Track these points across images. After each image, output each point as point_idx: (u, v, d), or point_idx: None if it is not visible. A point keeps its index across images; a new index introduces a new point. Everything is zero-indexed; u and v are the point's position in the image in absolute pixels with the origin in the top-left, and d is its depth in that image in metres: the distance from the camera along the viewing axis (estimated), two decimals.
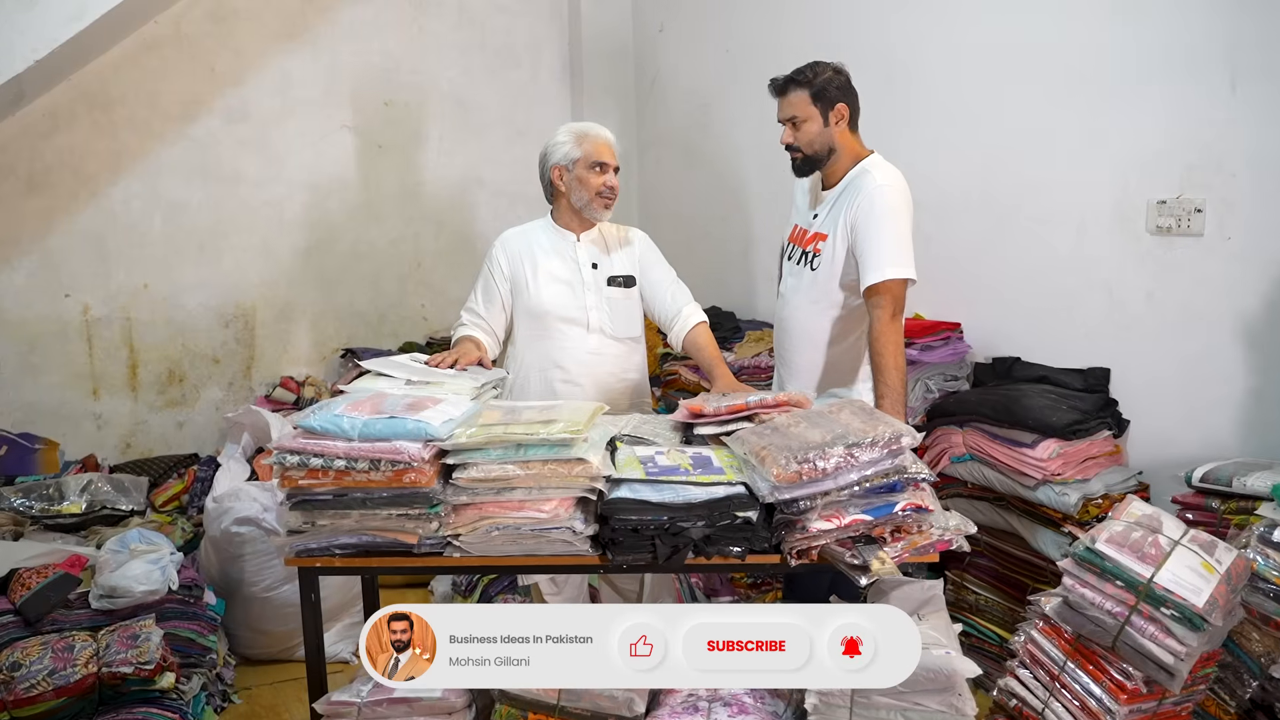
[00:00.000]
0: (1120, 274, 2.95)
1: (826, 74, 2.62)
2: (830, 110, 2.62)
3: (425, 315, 5.00)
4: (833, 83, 2.62)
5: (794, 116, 2.65)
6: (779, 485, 1.86)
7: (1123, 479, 2.90)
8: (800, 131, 2.65)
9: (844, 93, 2.64)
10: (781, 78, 2.67)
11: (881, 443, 1.89)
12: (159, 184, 4.33)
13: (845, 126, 2.65)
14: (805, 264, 2.73)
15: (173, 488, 4.05)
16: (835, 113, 2.63)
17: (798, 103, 2.64)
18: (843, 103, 2.63)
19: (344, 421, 1.96)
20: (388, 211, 4.86)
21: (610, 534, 1.93)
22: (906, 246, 2.53)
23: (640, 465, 2.02)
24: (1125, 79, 2.87)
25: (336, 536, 1.99)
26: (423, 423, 1.95)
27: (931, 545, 1.93)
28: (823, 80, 2.62)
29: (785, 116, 2.68)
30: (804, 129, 2.64)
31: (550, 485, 1.94)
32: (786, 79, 2.66)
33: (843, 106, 2.62)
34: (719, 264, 4.68)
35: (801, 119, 2.64)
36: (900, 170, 2.67)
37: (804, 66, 2.66)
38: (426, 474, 1.92)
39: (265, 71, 4.48)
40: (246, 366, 4.56)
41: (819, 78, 2.62)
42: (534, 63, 5.11)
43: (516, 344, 2.89)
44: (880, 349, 2.49)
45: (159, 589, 2.88)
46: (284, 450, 1.97)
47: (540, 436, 1.93)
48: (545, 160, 2.84)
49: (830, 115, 2.63)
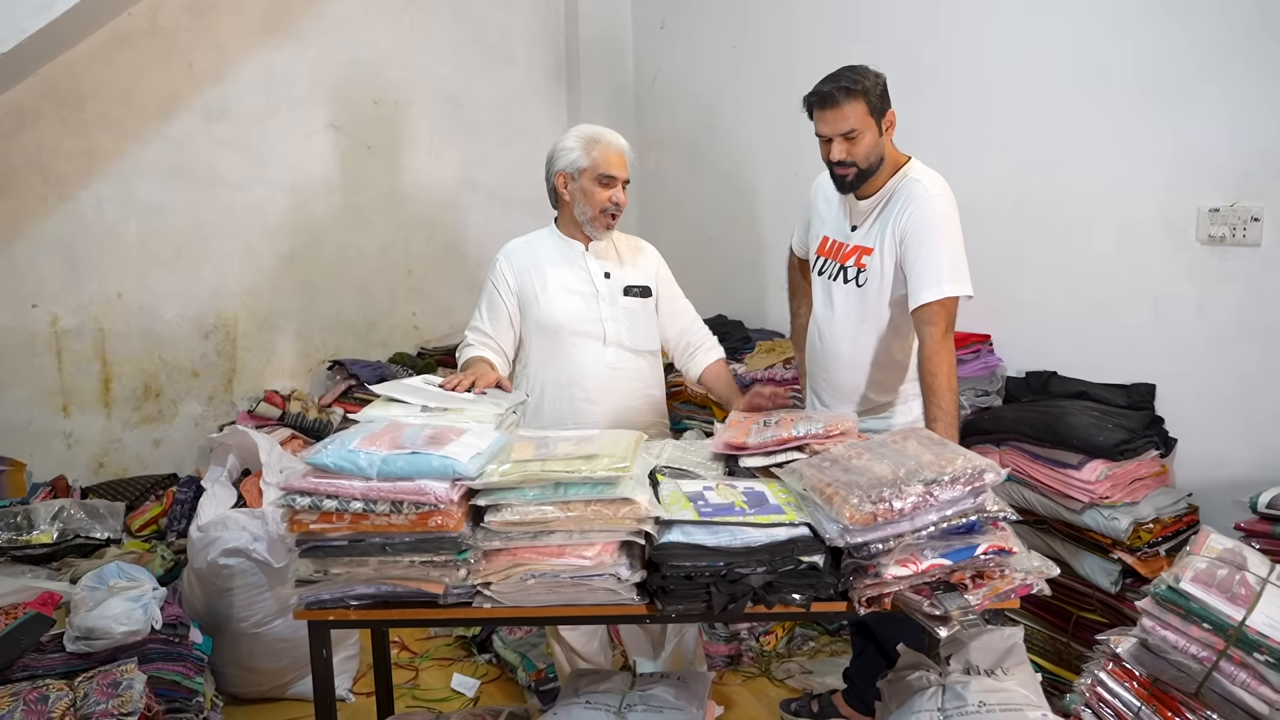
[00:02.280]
0: (1168, 285, 2.80)
1: (872, 79, 2.42)
2: (882, 119, 2.44)
3: (416, 324, 4.80)
4: (878, 87, 2.42)
5: (851, 130, 2.39)
6: (851, 528, 1.68)
7: (1172, 501, 2.76)
8: (857, 145, 2.40)
9: (888, 98, 2.46)
10: (830, 88, 2.40)
11: (962, 479, 1.72)
12: (133, 186, 4.10)
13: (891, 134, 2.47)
14: (847, 279, 2.55)
15: (150, 511, 3.83)
16: (886, 120, 2.44)
17: (855, 115, 2.38)
18: (890, 109, 2.45)
19: (361, 458, 1.76)
20: (376, 215, 4.65)
21: (660, 581, 1.74)
22: (963, 260, 2.37)
23: (690, 504, 1.84)
24: (1173, 77, 2.72)
25: (352, 586, 1.79)
26: (449, 459, 1.75)
27: (1013, 590, 1.77)
28: (875, 87, 2.41)
29: (840, 130, 2.40)
30: (861, 142, 2.40)
31: (593, 528, 1.75)
32: (841, 89, 2.38)
33: (892, 113, 2.45)
34: (725, 271, 4.51)
35: (859, 131, 2.39)
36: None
37: (851, 73, 2.41)
38: (455, 516, 1.73)
39: (246, 67, 4.25)
40: (228, 380, 4.32)
41: (869, 84, 2.40)
42: (529, 60, 4.94)
43: (528, 362, 2.70)
44: (934, 369, 2.32)
45: (141, 629, 2.66)
46: (293, 491, 1.76)
47: (583, 474, 1.74)
48: (551, 164, 2.67)
49: (882, 124, 2.44)
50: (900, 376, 2.55)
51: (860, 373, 2.55)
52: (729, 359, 3.97)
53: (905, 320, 2.46)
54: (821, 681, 3.15)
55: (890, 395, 2.56)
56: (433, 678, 3.27)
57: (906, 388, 2.56)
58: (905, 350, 2.53)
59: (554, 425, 2.59)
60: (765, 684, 3.19)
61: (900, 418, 2.56)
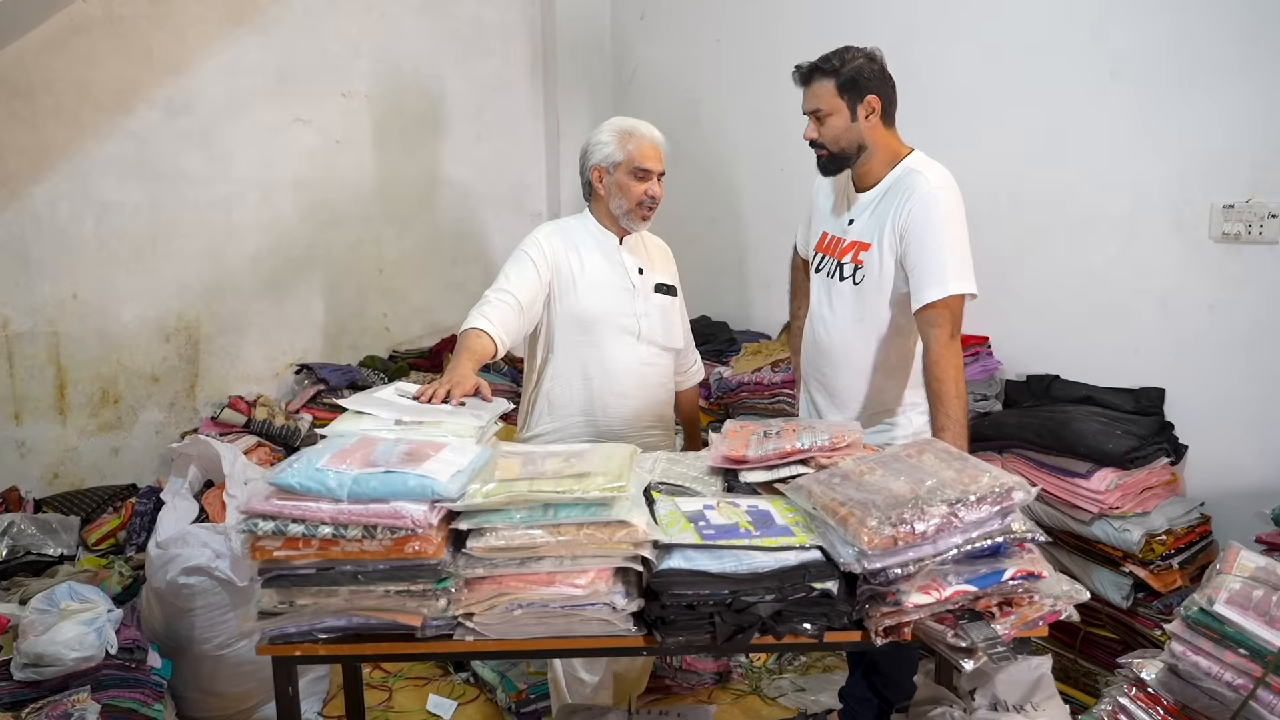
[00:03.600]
0: (1177, 284, 2.70)
1: (857, 61, 2.31)
2: (859, 102, 2.31)
3: (388, 325, 4.62)
4: (863, 71, 2.30)
5: (818, 109, 2.34)
6: (870, 552, 1.54)
7: (1184, 511, 2.66)
8: (825, 126, 2.34)
9: (876, 83, 2.32)
10: (806, 65, 2.36)
11: (989, 498, 1.58)
12: (90, 183, 3.90)
13: (877, 121, 2.33)
14: (843, 277, 2.41)
15: (108, 524, 3.63)
16: (865, 105, 2.31)
17: (822, 94, 2.32)
18: (874, 94, 2.31)
19: (329, 478, 1.60)
20: (346, 213, 4.48)
21: (660, 610, 1.59)
22: (966, 257, 2.23)
23: (691, 525, 1.69)
24: (1186, 66, 2.61)
25: (321, 618, 1.63)
26: (427, 478, 1.60)
27: (1041, 618, 1.63)
28: (852, 69, 2.30)
29: (809, 109, 2.36)
30: (829, 123, 2.33)
31: (586, 554, 1.60)
32: (811, 67, 2.35)
33: (874, 98, 2.31)
34: (709, 271, 4.36)
35: (826, 112, 2.32)
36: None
37: (832, 52, 2.34)
38: (433, 542, 1.57)
39: (210, 58, 4.06)
40: (190, 385, 4.13)
41: (847, 65, 2.30)
42: (504, 52, 4.79)
43: (555, 352, 2.61)
44: (940, 374, 2.18)
45: (94, 654, 2.50)
46: (255, 515, 1.60)
47: (574, 495, 1.59)
48: (585, 159, 2.61)
49: (859, 108, 2.31)
50: (901, 383, 2.41)
51: (859, 377, 2.42)
52: (714, 361, 3.86)
53: (907, 321, 2.33)
54: (816, 700, 3.02)
55: (890, 404, 2.42)
56: (407, 699, 3.11)
57: (908, 395, 2.42)
58: (906, 354, 2.39)
59: (580, 418, 2.57)
60: (756, 703, 3.05)
61: (901, 430, 2.41)
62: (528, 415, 2.67)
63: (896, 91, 2.37)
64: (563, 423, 2.59)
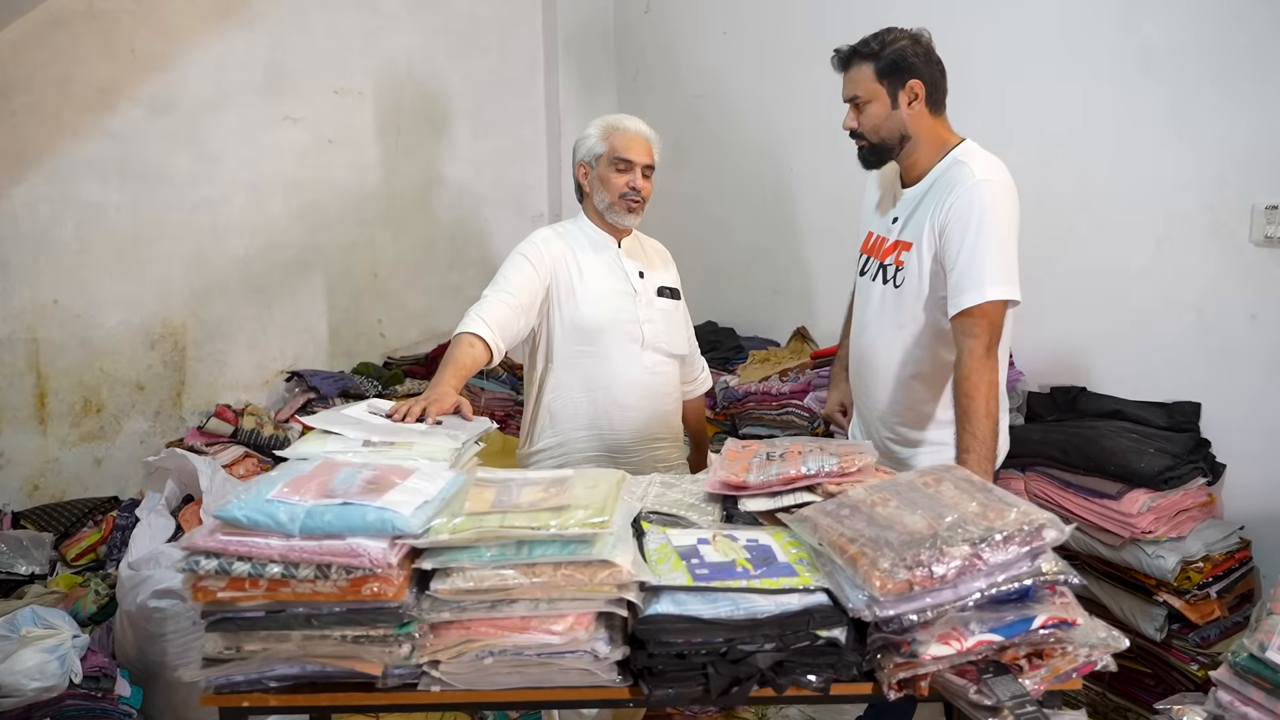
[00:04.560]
0: (1215, 291, 2.52)
1: (900, 43, 2.14)
2: (901, 88, 2.13)
3: (382, 331, 4.47)
4: (906, 54, 2.13)
5: (856, 96, 2.17)
6: (883, 599, 1.36)
7: (1222, 536, 2.47)
8: (864, 114, 2.17)
9: (920, 66, 2.14)
10: (845, 49, 2.20)
11: (1017, 538, 1.40)
12: (70, 184, 3.77)
13: (922, 107, 2.15)
14: (884, 280, 2.23)
15: (88, 538, 3.49)
16: (907, 91, 2.13)
17: (860, 79, 2.16)
18: (917, 79, 2.13)
19: (279, 510, 1.44)
20: (339, 214, 4.33)
21: (646, 660, 1.43)
22: (1010, 259, 2.05)
23: (683, 563, 1.52)
24: (1225, 58, 2.43)
25: (271, 666, 1.47)
26: (387, 511, 1.44)
27: (1075, 669, 1.45)
28: (893, 51, 2.13)
29: (847, 96, 2.20)
30: (868, 111, 2.16)
31: (565, 597, 1.44)
32: (850, 50, 2.19)
33: (916, 84, 2.13)
34: (715, 274, 4.20)
35: (865, 99, 2.16)
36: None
37: (873, 34, 2.17)
38: (394, 583, 1.41)
39: (195, 54, 3.92)
40: (176, 394, 3.99)
41: (888, 48, 2.13)
42: (503, 47, 4.64)
43: (555, 362, 2.48)
44: (970, 389, 2.00)
45: (57, 684, 2.38)
46: (197, 552, 1.44)
47: (551, 532, 1.42)
48: (573, 156, 2.53)
49: (900, 94, 2.14)
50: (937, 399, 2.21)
51: (902, 389, 2.23)
52: (720, 369, 3.70)
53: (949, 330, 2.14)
54: None
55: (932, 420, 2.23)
56: None
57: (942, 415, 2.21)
58: (945, 370, 2.19)
59: (584, 432, 2.46)
60: None
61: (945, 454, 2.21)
62: (529, 429, 2.52)
63: (946, 76, 2.19)
64: (566, 437, 2.46)
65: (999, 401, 2.03)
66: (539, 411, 2.48)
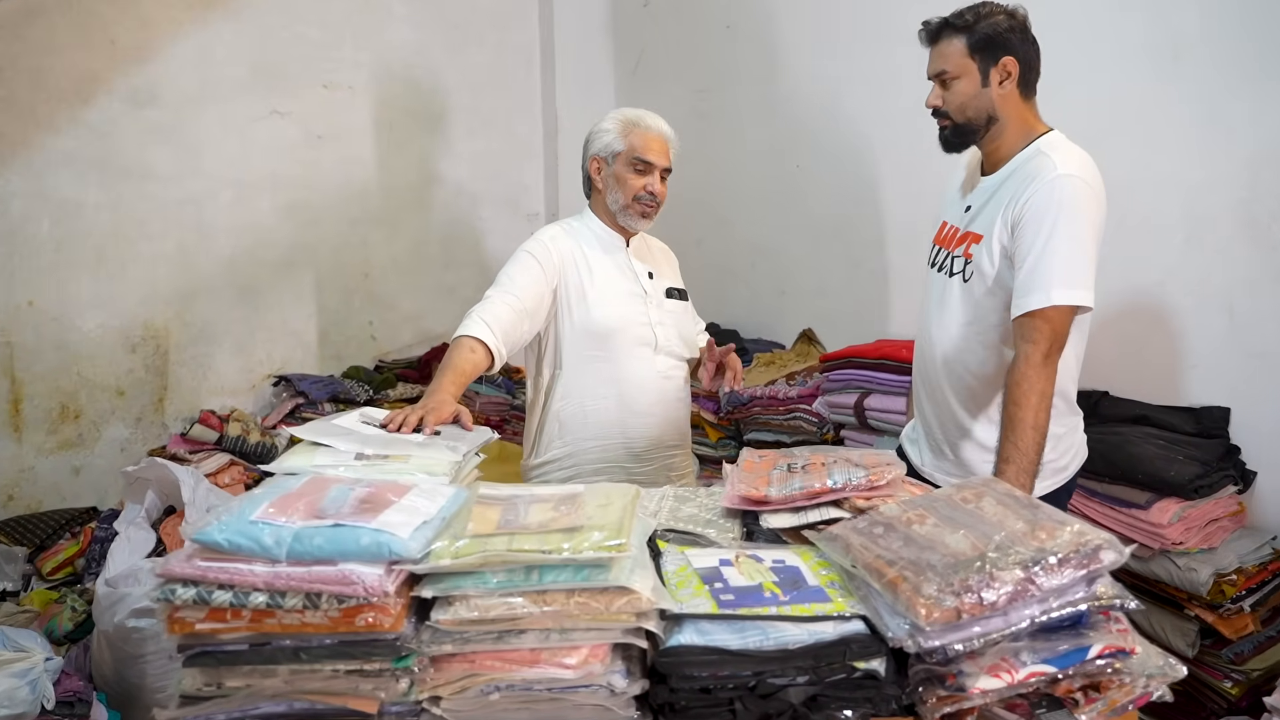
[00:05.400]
0: (1246, 292, 2.42)
1: (996, 17, 2.02)
2: (993, 65, 2.02)
3: (374, 334, 4.34)
4: (1002, 29, 2.01)
5: (944, 71, 2.05)
6: (928, 629, 1.24)
7: (1254, 547, 2.38)
8: (950, 92, 2.05)
9: (1015, 44, 2.02)
10: (936, 20, 2.08)
11: (1073, 560, 1.29)
12: (46, 180, 3.61)
13: (1013, 88, 2.03)
14: (951, 273, 2.12)
15: (65, 550, 3.35)
16: (1000, 69, 2.01)
17: (951, 54, 2.04)
18: (1011, 56, 2.01)
19: (264, 533, 1.31)
20: (329, 213, 4.19)
21: (668, 695, 1.31)
22: (1085, 262, 1.91)
23: (705, 587, 1.39)
24: (1259, 48, 2.32)
25: (255, 704, 1.33)
26: (383, 533, 1.32)
27: (1131, 701, 1.34)
28: (988, 25, 2.01)
29: (933, 71, 2.08)
30: (955, 88, 2.04)
31: (578, 627, 1.31)
32: (941, 22, 2.06)
33: (1010, 61, 2.01)
34: (718, 275, 4.08)
35: (953, 75, 2.04)
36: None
37: (967, 7, 2.06)
38: (391, 612, 1.29)
39: (179, 45, 3.78)
40: (158, 399, 3.84)
41: (982, 21, 2.01)
42: (499, 42, 4.52)
43: (564, 368, 2.37)
44: (1019, 397, 1.89)
45: (28, 711, 2.26)
46: (172, 579, 1.31)
47: (564, 556, 1.30)
48: (586, 149, 2.44)
49: (993, 72, 2.02)
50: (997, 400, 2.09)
51: (958, 388, 2.13)
52: None
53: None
54: None
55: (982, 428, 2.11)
56: None
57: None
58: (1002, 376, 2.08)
59: (595, 442, 2.36)
60: None
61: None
62: (535, 440, 2.40)
63: (1040, 57, 2.07)
64: (576, 447, 2.35)
65: (1049, 414, 1.91)
66: (547, 420, 2.37)
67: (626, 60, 4.51)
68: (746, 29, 3.87)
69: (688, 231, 4.24)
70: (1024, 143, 2.05)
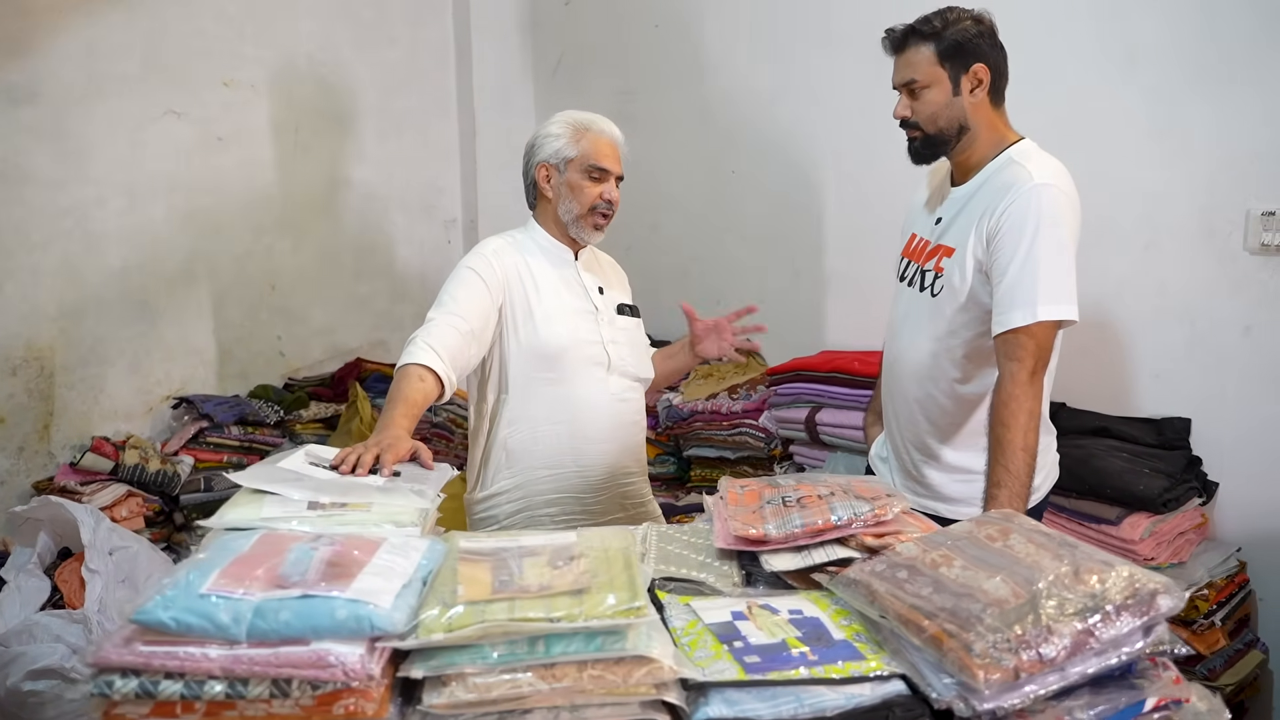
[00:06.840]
0: (1207, 302, 2.41)
1: (963, 24, 1.95)
2: (964, 73, 1.95)
3: (282, 350, 4.05)
4: (969, 35, 1.94)
5: (912, 80, 1.97)
6: (986, 690, 1.13)
7: (1221, 559, 2.37)
8: (920, 101, 1.97)
9: (985, 50, 1.96)
10: (900, 28, 2.00)
11: (1132, 608, 1.19)
12: None
13: (984, 96, 1.97)
14: (921, 287, 2.03)
15: None
16: (970, 76, 1.95)
17: (919, 62, 1.96)
18: (982, 63, 1.94)
19: (219, 609, 1.13)
20: (231, 220, 3.88)
21: None
22: (1067, 275, 1.86)
23: (723, 648, 1.25)
24: (1219, 54, 2.33)
25: None
26: (361, 604, 1.14)
27: None
28: (957, 32, 1.94)
29: (901, 81, 2.00)
30: (925, 97, 1.96)
31: (592, 703, 1.16)
32: (906, 29, 1.98)
33: (981, 68, 1.95)
34: (647, 285, 3.89)
35: (922, 84, 1.96)
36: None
37: (933, 13, 1.98)
38: (374, 696, 1.12)
39: (61, 38, 3.42)
40: (44, 425, 3.48)
41: (950, 28, 1.94)
42: (412, 39, 4.27)
43: (510, 392, 2.20)
44: (1007, 418, 1.81)
45: None
46: (109, 669, 1.11)
47: (578, 624, 1.14)
48: (531, 155, 2.27)
49: (963, 79, 1.95)
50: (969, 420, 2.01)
51: (934, 409, 2.04)
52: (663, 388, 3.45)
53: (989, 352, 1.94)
54: None
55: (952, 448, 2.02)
56: None
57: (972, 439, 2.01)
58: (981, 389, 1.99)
59: (547, 471, 2.20)
60: None
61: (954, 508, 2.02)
62: (480, 471, 2.22)
63: (1008, 63, 1.99)
64: (526, 477, 2.18)
65: (1038, 434, 1.84)
66: (493, 449, 2.19)
67: (548, 59, 4.33)
68: (675, 28, 3.75)
69: (615, 239, 4.07)
70: (995, 151, 2.00)
